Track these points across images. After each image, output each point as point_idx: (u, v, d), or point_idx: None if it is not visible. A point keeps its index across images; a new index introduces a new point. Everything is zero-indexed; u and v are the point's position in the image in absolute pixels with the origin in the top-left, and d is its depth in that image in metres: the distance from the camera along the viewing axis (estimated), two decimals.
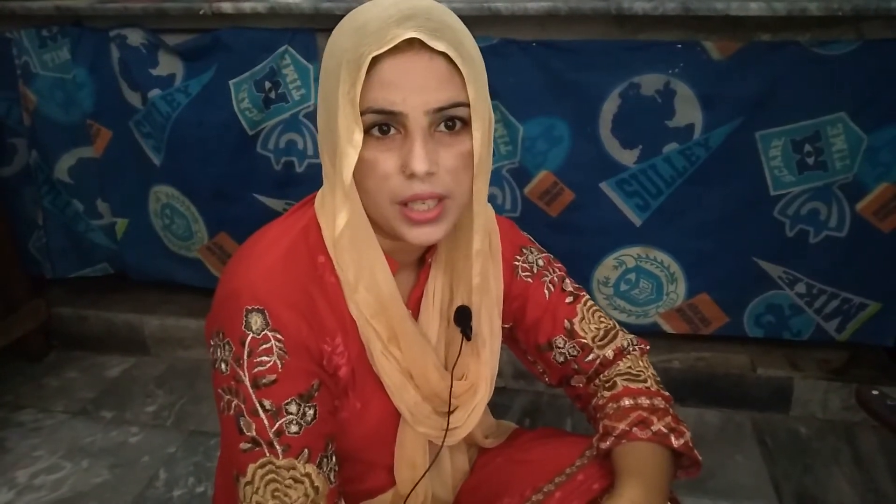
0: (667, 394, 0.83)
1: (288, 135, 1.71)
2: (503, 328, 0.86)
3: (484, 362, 0.81)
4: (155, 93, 1.72)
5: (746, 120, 1.50)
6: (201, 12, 1.64)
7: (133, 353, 1.98)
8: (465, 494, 0.90)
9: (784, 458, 1.55)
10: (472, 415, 0.81)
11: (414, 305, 0.79)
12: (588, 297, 0.88)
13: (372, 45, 0.61)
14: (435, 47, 0.62)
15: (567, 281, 0.88)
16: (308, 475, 0.68)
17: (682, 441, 0.77)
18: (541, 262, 0.87)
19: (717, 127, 1.51)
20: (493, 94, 1.57)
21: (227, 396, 0.69)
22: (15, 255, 1.90)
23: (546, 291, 0.85)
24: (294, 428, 0.68)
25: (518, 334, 0.89)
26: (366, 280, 0.71)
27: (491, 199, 1.67)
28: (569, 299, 0.86)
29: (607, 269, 1.69)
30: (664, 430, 0.77)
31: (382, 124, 0.64)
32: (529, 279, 0.86)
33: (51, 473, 1.53)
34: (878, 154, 1.49)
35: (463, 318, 0.77)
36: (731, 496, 1.43)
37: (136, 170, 1.85)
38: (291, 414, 0.68)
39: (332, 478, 0.71)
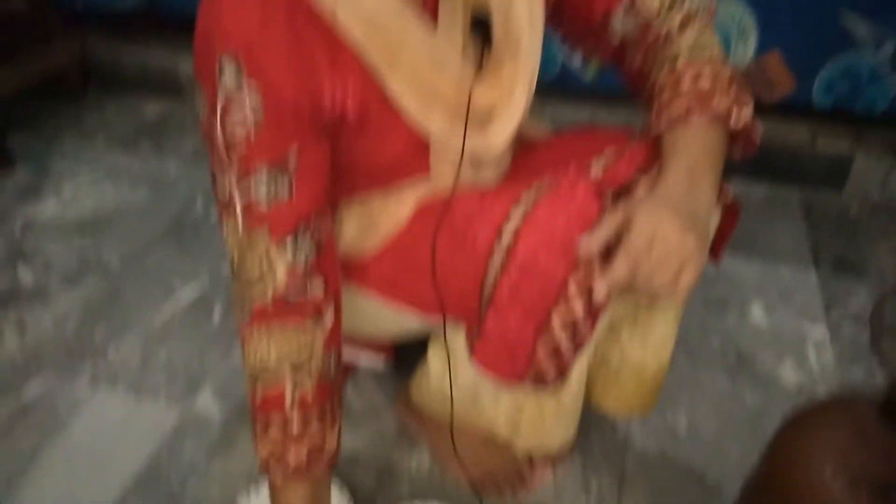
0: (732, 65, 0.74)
1: None
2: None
3: (524, 55, 0.71)
4: None
5: None
6: None
7: (169, 96, 1.95)
8: (509, 175, 0.84)
9: (828, 229, 1.49)
10: (509, 122, 0.73)
11: (432, 4, 0.68)
12: None
13: None
14: None
15: None
16: (267, 251, 0.67)
17: (741, 116, 0.70)
18: None
19: None
20: None
21: (207, 146, 0.66)
22: None
23: None
24: (263, 202, 0.65)
25: (566, 11, 0.78)
26: None
27: None
28: None
29: None
30: (723, 109, 0.70)
31: None
32: None
33: (93, 192, 1.57)
34: None
35: (481, 22, 0.67)
36: (765, 255, 1.40)
37: None
38: (261, 183, 0.64)
39: (304, 259, 0.68)
